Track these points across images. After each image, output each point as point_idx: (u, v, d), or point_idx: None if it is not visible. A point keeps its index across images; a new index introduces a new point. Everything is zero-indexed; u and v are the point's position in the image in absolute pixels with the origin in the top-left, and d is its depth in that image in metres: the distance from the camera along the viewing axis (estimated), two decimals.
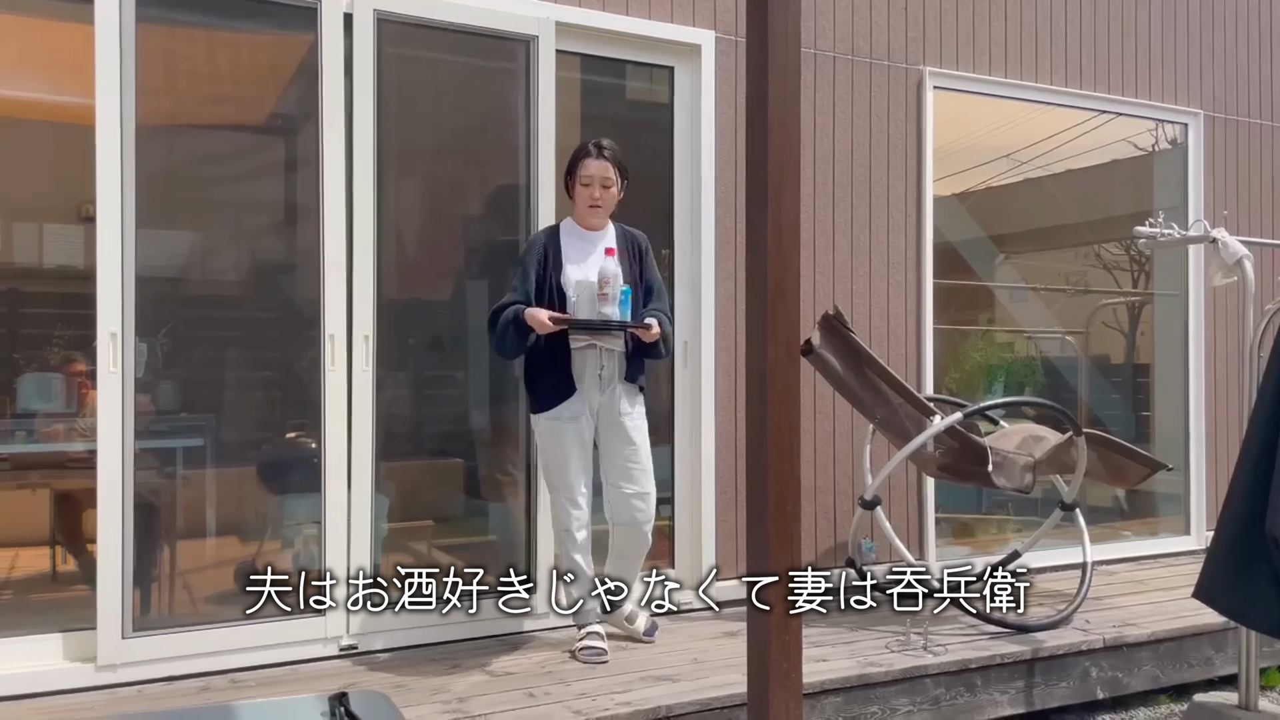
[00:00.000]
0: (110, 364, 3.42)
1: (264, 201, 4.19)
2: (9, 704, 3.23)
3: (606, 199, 3.64)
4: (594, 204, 3.61)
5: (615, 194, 3.67)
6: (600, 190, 3.61)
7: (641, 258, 3.72)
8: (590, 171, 3.61)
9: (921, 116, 5.02)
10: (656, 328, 3.53)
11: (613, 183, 3.63)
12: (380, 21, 3.84)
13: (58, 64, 4.18)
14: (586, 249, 3.66)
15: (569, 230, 3.71)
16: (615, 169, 3.64)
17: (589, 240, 3.68)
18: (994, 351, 6.01)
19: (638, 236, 3.76)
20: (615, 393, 3.62)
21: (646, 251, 3.74)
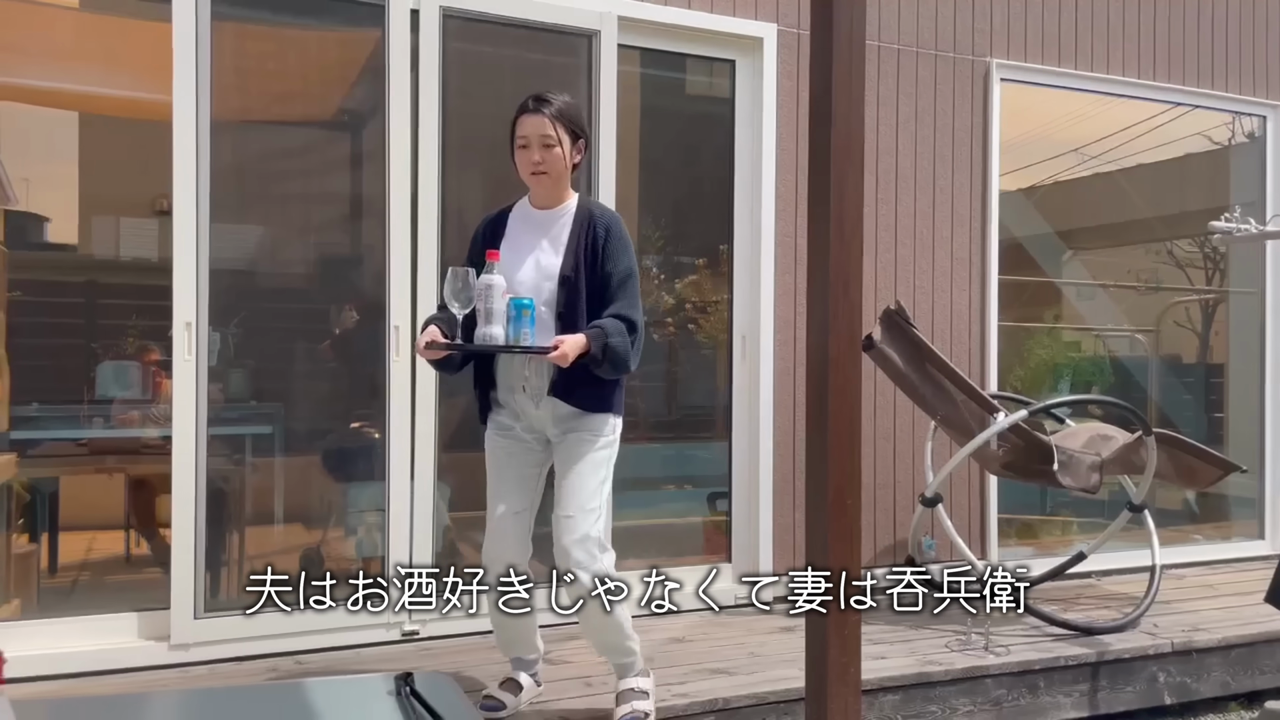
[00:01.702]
0: (185, 352, 3.52)
1: (331, 195, 4.27)
2: (88, 679, 3.35)
3: (551, 161, 2.78)
4: (536, 169, 2.78)
5: (562, 156, 2.80)
6: (541, 151, 2.77)
7: (596, 244, 2.79)
8: (525, 130, 2.79)
9: (988, 109, 4.94)
10: (568, 349, 2.62)
11: (555, 141, 2.77)
12: (445, 17, 3.89)
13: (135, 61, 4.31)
14: (531, 236, 2.85)
15: (519, 212, 2.93)
16: (559, 125, 2.78)
17: (538, 224, 2.87)
18: (1060, 349, 5.90)
19: (599, 216, 2.83)
20: (550, 411, 2.85)
21: (609, 235, 2.79)
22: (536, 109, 2.80)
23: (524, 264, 2.80)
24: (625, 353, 2.73)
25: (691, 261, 5.16)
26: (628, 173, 4.46)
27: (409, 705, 1.26)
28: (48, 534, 4.54)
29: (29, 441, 4.23)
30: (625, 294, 2.79)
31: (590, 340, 2.66)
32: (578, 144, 2.86)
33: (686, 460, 5.25)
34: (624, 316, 2.74)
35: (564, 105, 2.83)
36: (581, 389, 2.81)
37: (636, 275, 2.83)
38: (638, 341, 2.77)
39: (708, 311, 4.98)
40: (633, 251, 2.83)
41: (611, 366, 2.71)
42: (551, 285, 2.76)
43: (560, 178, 2.84)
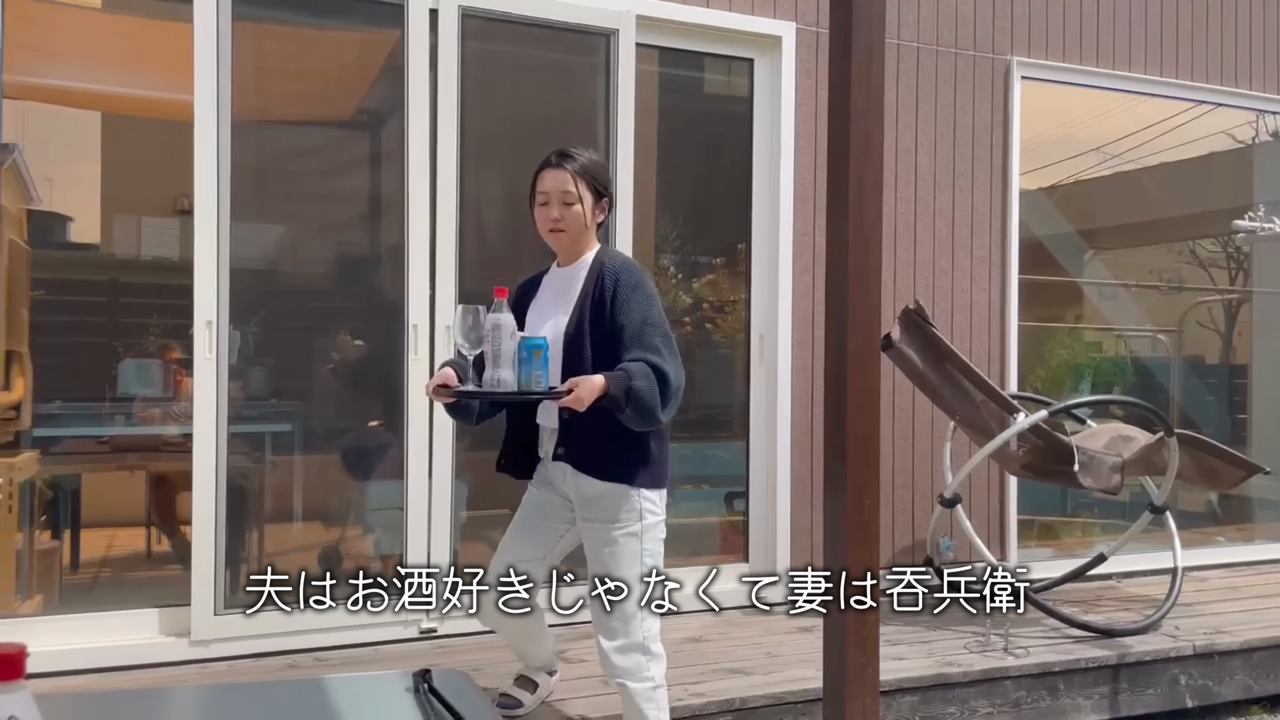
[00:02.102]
0: (206, 351, 3.54)
1: (350, 194, 4.30)
2: (109, 675, 3.37)
3: (569, 219, 2.59)
4: (554, 226, 2.60)
5: (582, 214, 2.60)
6: (560, 209, 2.59)
7: (604, 296, 2.54)
8: (546, 185, 2.62)
9: (1008, 108, 4.91)
10: (583, 391, 2.35)
11: (576, 198, 2.59)
12: (464, 17, 3.90)
13: (157, 61, 4.34)
14: (553, 298, 2.68)
15: (551, 271, 2.77)
16: (581, 181, 2.60)
17: (560, 284, 2.68)
18: (1081, 349, 5.86)
19: (608, 266, 2.59)
20: (574, 486, 2.61)
21: (618, 285, 2.53)
22: (559, 164, 2.62)
23: (544, 326, 2.61)
24: (652, 400, 2.39)
25: (709, 261, 5.16)
26: (645, 172, 4.46)
27: (427, 702, 1.26)
28: (70, 531, 4.58)
29: (51, 439, 4.27)
30: (647, 344, 2.46)
31: (610, 382, 2.37)
32: (600, 202, 2.66)
33: (704, 460, 5.24)
34: (650, 362, 2.43)
35: (588, 162, 2.64)
36: (599, 453, 2.52)
37: (660, 325, 2.50)
38: (671, 393, 2.43)
39: (725, 311, 4.97)
40: (654, 301, 2.53)
41: (636, 414, 2.39)
42: (558, 347, 2.53)
43: (578, 236, 2.64)
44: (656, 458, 2.58)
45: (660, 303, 2.54)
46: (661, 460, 2.60)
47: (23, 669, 0.83)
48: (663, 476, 2.61)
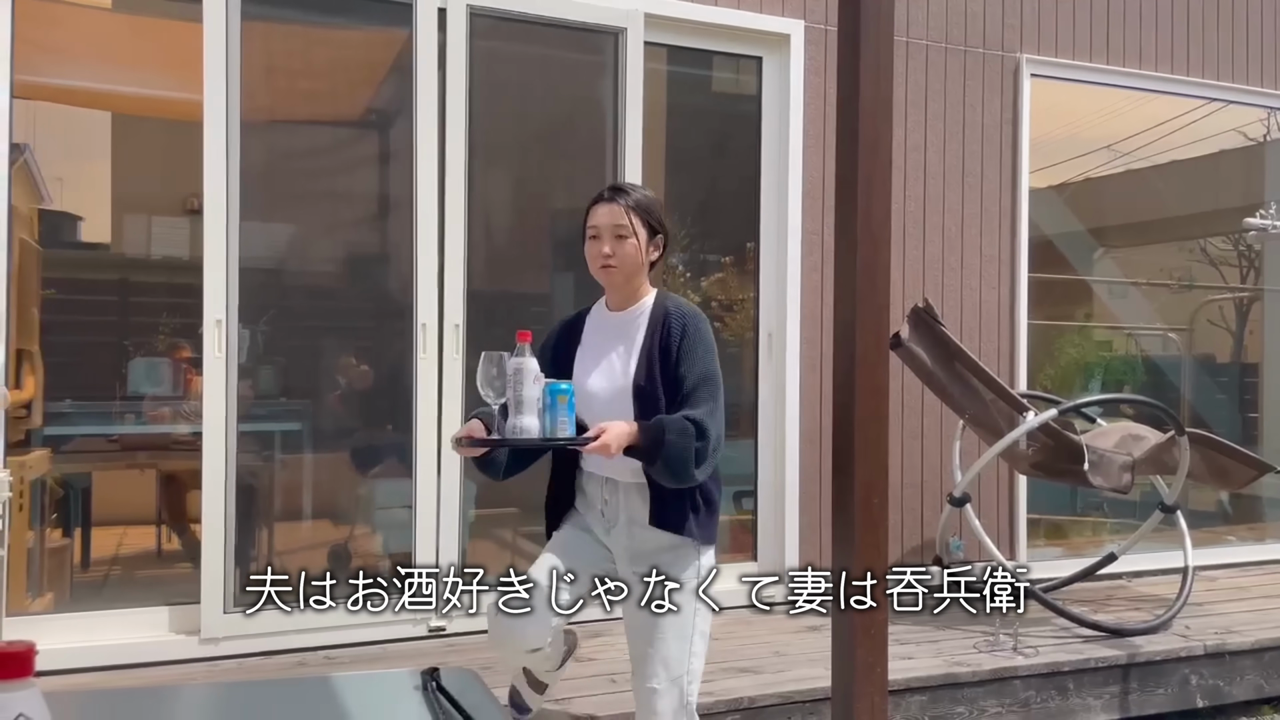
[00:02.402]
0: (215, 349, 3.55)
1: (359, 194, 4.30)
2: (119, 672, 3.39)
3: (623, 255, 2.41)
4: (606, 262, 2.43)
5: (637, 249, 2.42)
6: (612, 243, 2.41)
7: (670, 344, 2.40)
8: (598, 220, 2.44)
9: (1018, 105, 4.89)
10: (610, 438, 2.22)
11: (630, 232, 2.41)
12: (473, 16, 3.90)
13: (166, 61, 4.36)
14: (605, 342, 2.49)
15: (595, 316, 2.57)
16: (635, 216, 2.42)
17: (613, 328, 2.49)
18: (1091, 348, 5.84)
19: (674, 313, 2.43)
20: (629, 539, 2.44)
21: (685, 334, 2.39)
22: (611, 198, 2.45)
23: (597, 373, 2.44)
24: (685, 456, 2.25)
25: (718, 259, 5.16)
26: (654, 171, 4.45)
27: (435, 700, 1.26)
28: (80, 529, 4.60)
29: (62, 437, 4.29)
30: (699, 399, 2.33)
31: (641, 433, 2.25)
32: (655, 239, 2.47)
33: None
34: (693, 418, 2.28)
35: (642, 197, 2.49)
36: (669, 510, 2.38)
37: (716, 380, 2.37)
38: (708, 451, 2.29)
39: (734, 309, 4.97)
40: (714, 354, 2.40)
41: (666, 468, 2.26)
42: (627, 398, 2.37)
43: (633, 274, 2.44)
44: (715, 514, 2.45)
45: (718, 359, 2.42)
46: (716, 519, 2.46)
47: (31, 666, 0.83)
48: (715, 535, 2.46)
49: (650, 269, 2.49)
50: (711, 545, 2.44)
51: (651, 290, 2.51)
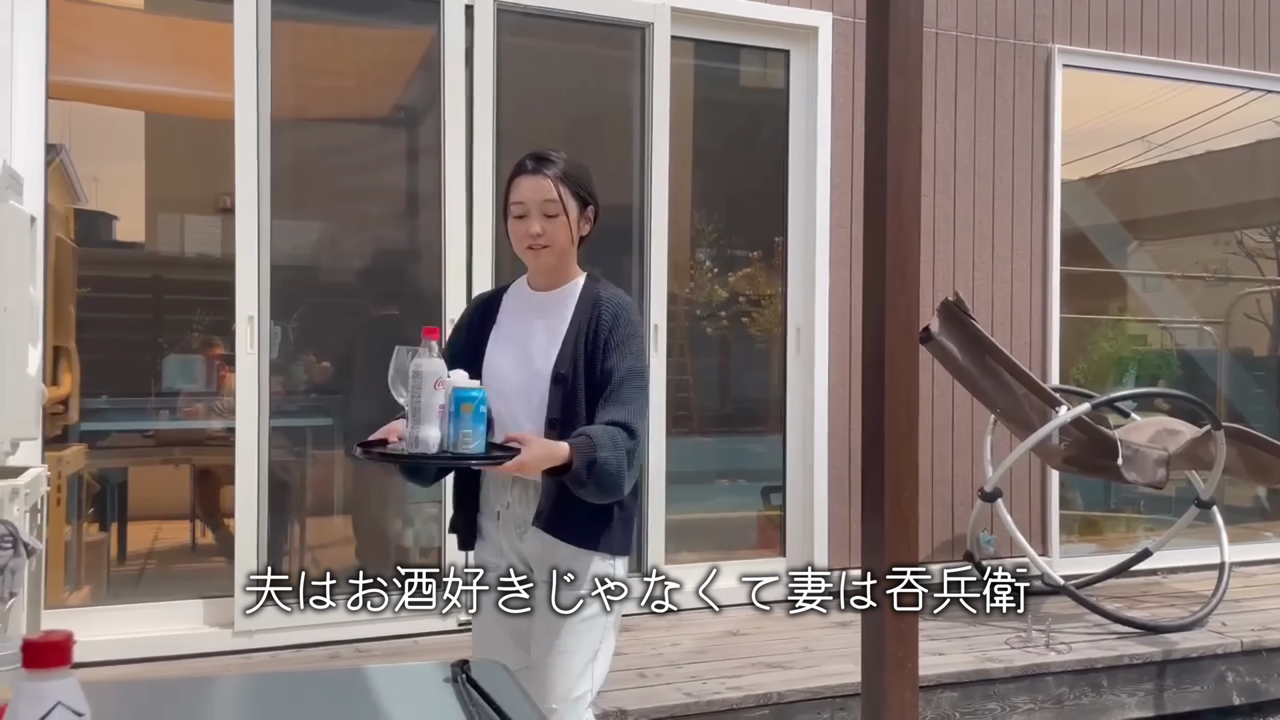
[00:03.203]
0: (248, 346, 3.59)
1: (388, 191, 4.33)
2: (155, 664, 3.43)
3: (553, 232, 2.15)
4: (535, 242, 2.15)
5: (568, 226, 2.16)
6: (541, 221, 2.14)
7: (599, 334, 2.14)
8: (523, 195, 2.16)
9: (1050, 97, 4.83)
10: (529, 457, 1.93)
11: (560, 209, 2.15)
12: (500, 12, 3.91)
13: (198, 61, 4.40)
14: (524, 324, 2.22)
15: (515, 293, 2.30)
16: (564, 188, 2.16)
17: (535, 309, 2.22)
18: (1125, 342, 5.76)
19: (606, 301, 2.17)
20: (537, 548, 2.13)
21: (617, 324, 2.14)
22: (537, 169, 2.18)
23: (511, 356, 2.18)
24: (618, 471, 2.00)
25: (745, 254, 5.14)
26: (681, 166, 4.44)
27: (465, 691, 1.27)
28: (116, 523, 4.67)
29: (98, 433, 4.35)
30: (625, 396, 2.08)
31: (574, 452, 1.97)
32: (586, 211, 2.22)
33: (739, 454, 5.23)
34: (621, 423, 2.04)
35: (570, 165, 2.21)
36: (572, 517, 2.08)
37: (644, 376, 2.15)
38: (636, 455, 2.07)
39: (761, 305, 4.95)
40: (644, 347, 2.19)
41: (598, 488, 2.00)
42: (543, 385, 2.12)
43: (565, 253, 2.19)
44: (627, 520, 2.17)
45: (648, 355, 2.21)
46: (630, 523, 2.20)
47: (69, 656, 0.84)
48: (628, 543, 2.19)
49: (581, 245, 2.23)
50: (623, 556, 2.16)
51: (581, 272, 2.24)
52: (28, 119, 3.44)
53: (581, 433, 2.02)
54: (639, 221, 4.15)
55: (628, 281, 4.22)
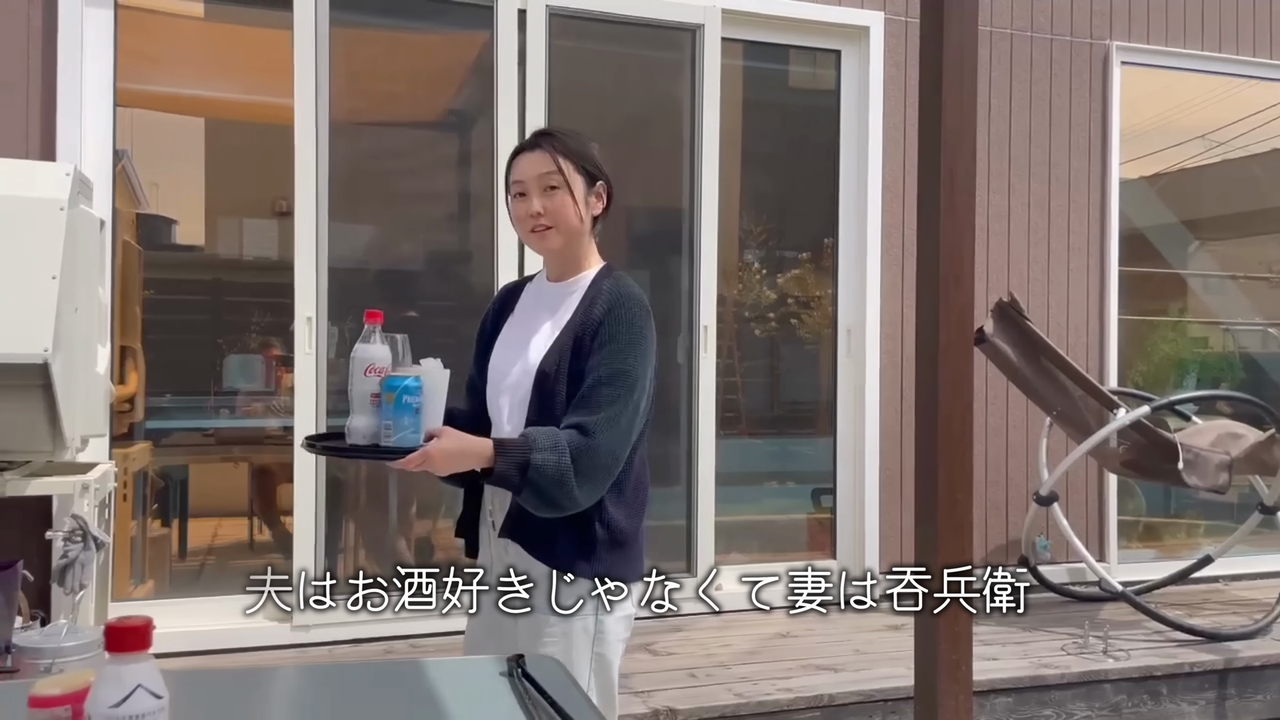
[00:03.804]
0: (306, 346, 3.66)
1: (442, 194, 4.39)
2: (215, 656, 3.52)
3: (556, 210, 1.91)
4: (537, 224, 1.92)
5: (573, 204, 1.92)
6: (541, 199, 1.91)
7: (588, 328, 1.88)
8: (522, 172, 1.95)
9: (1107, 94, 4.75)
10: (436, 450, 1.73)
11: (561, 182, 1.91)
12: (552, 16, 3.94)
13: (256, 67, 4.50)
14: (533, 318, 2.01)
15: (537, 282, 2.11)
16: (566, 161, 1.93)
17: (546, 302, 2.01)
18: (1186, 344, 5.64)
19: (606, 294, 1.91)
20: (513, 557, 1.90)
21: (607, 320, 1.86)
22: (535, 144, 1.96)
23: (510, 351, 1.99)
24: (558, 477, 1.74)
25: (794, 255, 5.12)
26: (729, 167, 4.44)
27: (521, 686, 1.29)
28: (178, 519, 4.78)
29: (162, 431, 4.46)
30: (596, 399, 1.81)
31: (498, 453, 1.75)
32: (596, 188, 1.97)
33: (789, 456, 5.21)
34: (578, 424, 1.79)
35: (573, 139, 1.98)
36: (542, 530, 1.84)
37: (631, 382, 1.84)
38: (594, 468, 1.78)
39: (810, 306, 4.93)
40: (641, 351, 1.87)
41: (535, 496, 1.76)
42: (529, 383, 1.90)
43: (573, 236, 1.94)
44: (622, 540, 1.89)
45: (650, 355, 1.90)
46: (628, 544, 1.91)
47: (149, 640, 0.88)
48: (629, 563, 1.91)
49: (595, 227, 2.00)
50: (619, 582, 1.88)
51: (599, 262, 2.00)
52: (96, 126, 3.55)
53: (524, 433, 1.82)
54: (688, 223, 4.16)
55: (677, 283, 4.24)
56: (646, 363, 1.89)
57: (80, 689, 0.89)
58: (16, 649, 2.56)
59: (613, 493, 1.86)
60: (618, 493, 1.87)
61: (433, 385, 1.77)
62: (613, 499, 1.86)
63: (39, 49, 3.43)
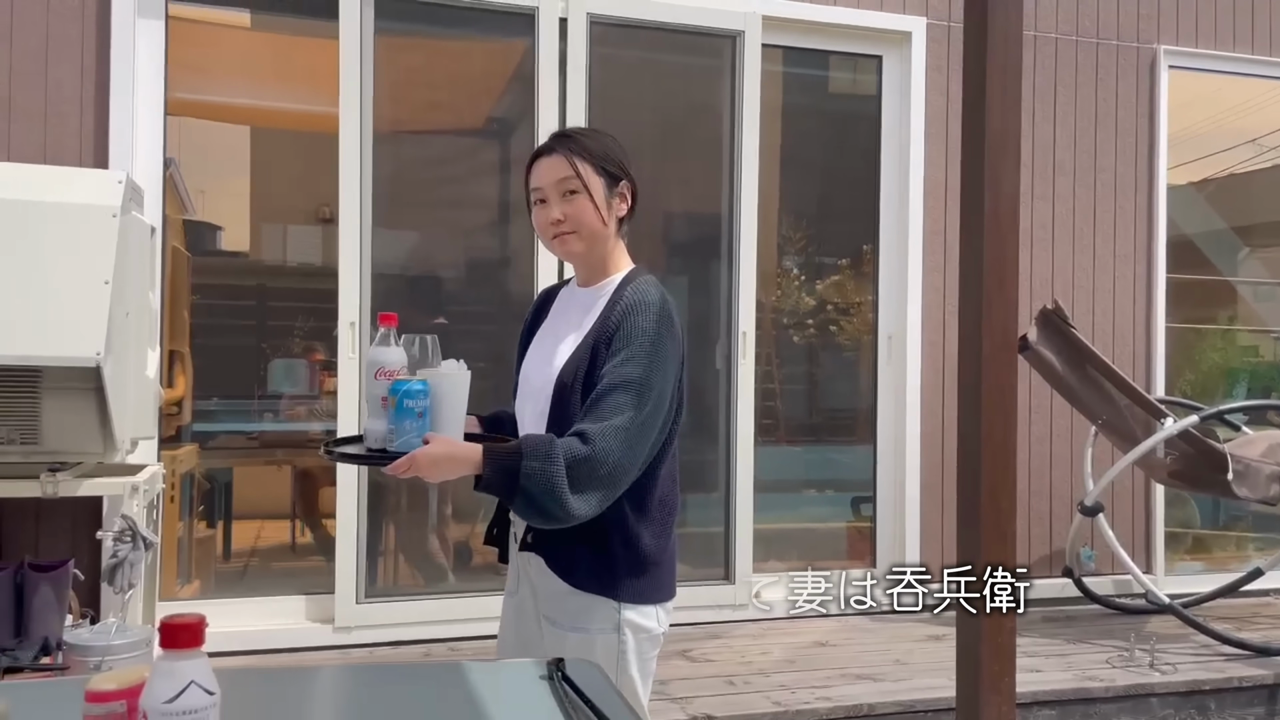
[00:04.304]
0: (349, 350, 3.71)
1: (483, 200, 4.42)
2: (259, 656, 3.57)
3: (577, 214, 1.85)
4: (558, 230, 1.86)
5: (594, 208, 1.85)
6: (561, 205, 1.85)
7: (604, 336, 1.80)
8: (540, 179, 1.88)
9: (1154, 99, 4.68)
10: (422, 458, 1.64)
11: (580, 186, 1.84)
12: (593, 24, 3.97)
13: (302, 76, 4.56)
14: (562, 325, 1.94)
15: (566, 289, 2.03)
16: (585, 163, 1.86)
17: (577, 308, 1.93)
18: (1236, 352, 5.53)
19: (625, 300, 1.82)
20: (534, 568, 1.85)
21: (622, 326, 1.78)
22: (552, 147, 1.88)
23: (538, 358, 1.93)
24: (549, 487, 1.64)
25: (834, 261, 5.10)
26: (769, 173, 4.43)
27: (561, 689, 1.30)
28: (223, 521, 4.85)
29: (208, 434, 4.54)
30: (604, 407, 1.71)
31: (487, 459, 1.67)
32: (618, 188, 1.90)
33: (828, 463, 5.18)
34: (580, 433, 1.69)
35: (592, 139, 1.91)
36: (569, 548, 1.78)
37: (639, 386, 1.72)
38: (592, 478, 1.67)
39: (850, 312, 4.90)
40: (654, 354, 1.75)
41: (526, 505, 1.67)
42: (549, 391, 1.84)
43: (596, 241, 1.87)
44: (653, 558, 1.81)
45: (669, 364, 1.78)
46: (660, 563, 1.82)
47: (202, 637, 0.89)
48: (660, 587, 1.83)
49: (620, 229, 1.93)
50: (647, 604, 1.80)
51: (627, 265, 1.93)
52: (147, 134, 3.62)
53: (520, 439, 1.73)
54: (727, 229, 4.16)
55: (716, 289, 4.23)
56: (662, 372, 1.76)
57: (135, 684, 0.91)
58: (67, 646, 2.62)
59: (635, 510, 1.78)
60: (640, 510, 1.79)
61: (447, 389, 1.73)
62: (635, 516, 1.78)
63: (93, 60, 3.51)
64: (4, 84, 3.43)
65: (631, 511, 1.78)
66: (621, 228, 1.93)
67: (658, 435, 1.78)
